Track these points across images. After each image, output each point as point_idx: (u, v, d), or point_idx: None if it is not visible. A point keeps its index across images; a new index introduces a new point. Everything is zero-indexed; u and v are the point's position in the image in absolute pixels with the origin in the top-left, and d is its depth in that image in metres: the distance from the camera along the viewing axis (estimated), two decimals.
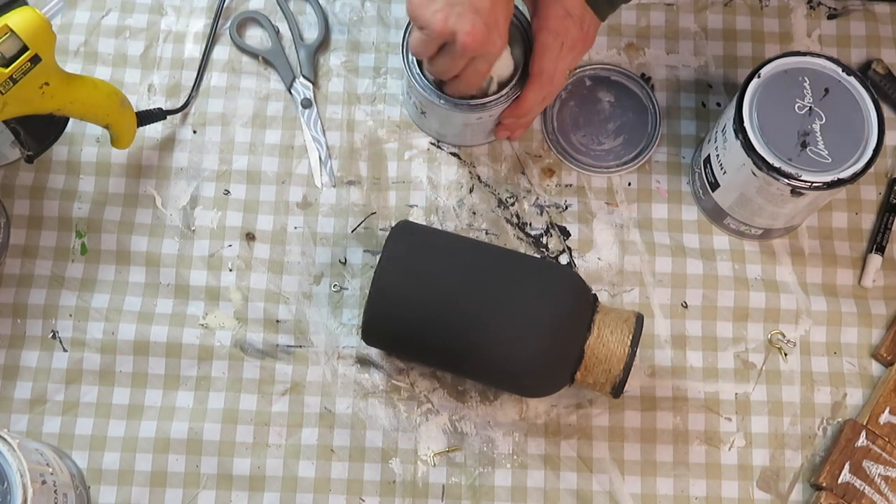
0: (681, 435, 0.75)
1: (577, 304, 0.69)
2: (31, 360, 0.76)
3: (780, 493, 0.75)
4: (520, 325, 0.68)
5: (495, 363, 0.69)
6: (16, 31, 0.64)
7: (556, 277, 0.71)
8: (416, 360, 0.76)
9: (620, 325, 0.69)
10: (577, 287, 0.71)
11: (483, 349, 0.69)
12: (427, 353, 0.72)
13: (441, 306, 0.69)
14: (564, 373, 0.70)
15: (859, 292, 0.80)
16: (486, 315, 0.68)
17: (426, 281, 0.69)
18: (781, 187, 0.71)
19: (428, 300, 0.69)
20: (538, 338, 0.68)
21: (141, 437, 0.74)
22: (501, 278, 0.70)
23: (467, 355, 0.70)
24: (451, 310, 0.69)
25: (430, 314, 0.69)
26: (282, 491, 0.73)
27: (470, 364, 0.71)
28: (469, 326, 0.69)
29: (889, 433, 0.75)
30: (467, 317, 0.69)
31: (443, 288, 0.69)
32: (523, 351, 0.68)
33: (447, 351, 0.70)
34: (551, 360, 0.69)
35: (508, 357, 0.69)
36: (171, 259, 0.79)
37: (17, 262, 0.78)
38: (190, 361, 0.76)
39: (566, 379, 0.70)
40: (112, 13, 0.86)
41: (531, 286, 0.69)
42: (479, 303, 0.69)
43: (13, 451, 0.62)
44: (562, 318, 0.68)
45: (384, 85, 0.84)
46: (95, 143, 0.82)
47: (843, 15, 0.87)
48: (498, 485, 0.74)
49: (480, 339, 0.69)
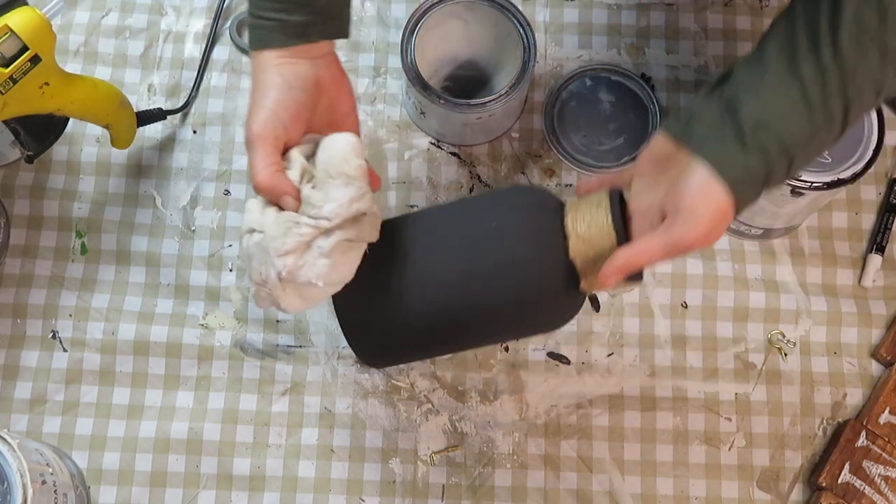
0: (681, 435, 0.75)
1: (534, 215, 0.63)
2: (31, 360, 0.76)
3: (780, 493, 0.75)
4: (498, 264, 0.62)
5: (494, 312, 0.64)
6: (16, 31, 0.64)
7: (508, 203, 0.66)
8: (428, 356, 0.74)
9: (593, 211, 0.62)
10: (528, 201, 0.65)
11: (480, 306, 0.63)
12: (435, 346, 0.69)
13: (423, 298, 0.64)
14: (566, 287, 0.62)
15: (859, 292, 0.80)
16: (467, 275, 0.63)
17: (399, 288, 0.64)
18: (781, 187, 0.70)
19: (410, 302, 0.64)
20: (517, 269, 0.62)
21: (141, 437, 0.74)
22: (462, 234, 0.64)
23: (470, 321, 0.64)
24: (436, 295, 0.64)
25: (419, 312, 0.64)
26: (282, 491, 0.73)
27: (476, 328, 0.66)
28: (457, 297, 0.63)
29: (889, 433, 0.75)
30: (453, 288, 0.63)
31: (416, 282, 0.64)
32: (511, 288, 0.62)
33: (452, 332, 0.66)
34: (540, 276, 0.62)
35: (502, 301, 0.63)
36: (171, 259, 0.79)
37: (17, 262, 0.78)
38: (190, 361, 0.76)
39: (573, 294, 0.64)
40: (112, 13, 0.86)
41: (490, 223, 0.64)
42: (455, 269, 0.63)
43: (13, 451, 0.62)
44: (525, 234, 0.63)
45: (384, 85, 0.84)
46: (95, 143, 0.82)
47: None
48: (498, 485, 0.74)
49: (474, 300, 0.63)
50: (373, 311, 0.64)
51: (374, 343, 0.67)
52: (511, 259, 0.62)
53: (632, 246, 0.58)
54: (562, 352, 0.77)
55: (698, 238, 0.55)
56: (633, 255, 0.57)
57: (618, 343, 0.78)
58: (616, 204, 0.61)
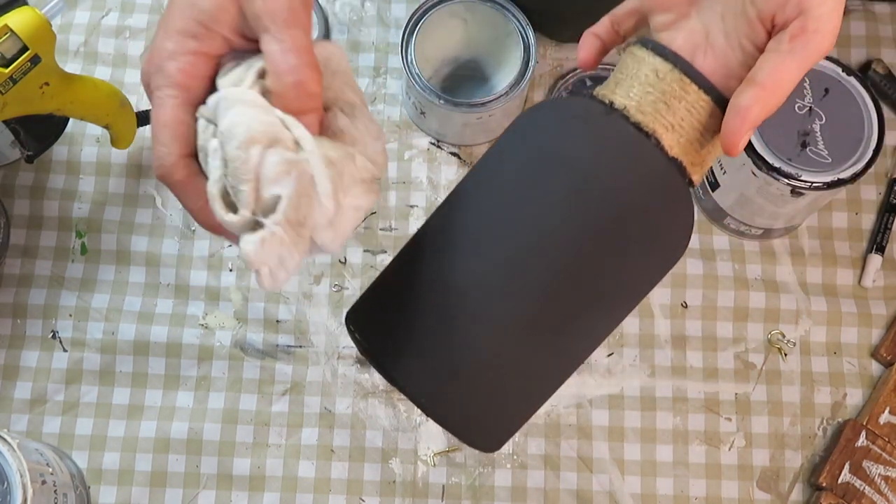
0: (681, 435, 0.75)
1: (595, 137, 0.47)
2: (31, 360, 0.76)
3: (780, 493, 0.75)
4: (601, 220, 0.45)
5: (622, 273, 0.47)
6: (16, 31, 0.64)
7: (549, 143, 0.48)
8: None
9: (649, 79, 0.46)
10: (567, 126, 0.48)
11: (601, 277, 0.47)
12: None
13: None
14: (681, 195, 0.47)
15: (859, 292, 0.80)
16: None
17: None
18: (781, 187, 0.71)
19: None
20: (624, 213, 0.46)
21: (141, 437, 0.74)
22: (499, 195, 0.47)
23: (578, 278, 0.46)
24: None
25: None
26: (282, 491, 0.73)
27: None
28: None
29: (889, 433, 0.75)
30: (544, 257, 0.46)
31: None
32: (627, 240, 0.46)
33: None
34: (651, 205, 0.46)
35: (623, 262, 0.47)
36: (171, 259, 0.79)
37: (17, 262, 0.78)
38: (190, 361, 0.76)
39: (685, 197, 0.48)
40: (112, 13, 0.86)
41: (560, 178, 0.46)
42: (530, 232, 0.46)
43: (13, 451, 0.62)
44: (608, 167, 0.46)
45: (384, 85, 0.84)
46: (95, 143, 0.82)
47: (843, 15, 0.86)
48: (498, 485, 0.74)
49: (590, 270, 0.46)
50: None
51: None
52: (613, 207, 0.45)
53: (757, 84, 0.44)
54: None
55: (832, 41, 0.45)
56: (764, 93, 0.44)
57: (618, 343, 0.78)
58: (674, 55, 0.45)
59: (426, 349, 0.47)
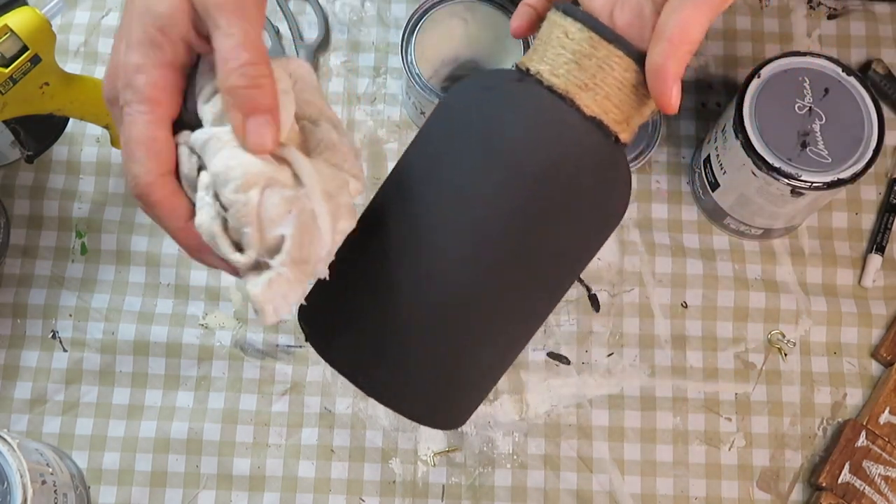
0: (681, 435, 0.75)
1: (512, 104, 0.47)
2: (31, 360, 0.76)
3: (780, 493, 0.75)
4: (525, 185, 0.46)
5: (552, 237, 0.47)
6: (16, 31, 0.64)
7: (463, 119, 0.49)
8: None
9: (566, 44, 0.46)
10: (482, 97, 0.49)
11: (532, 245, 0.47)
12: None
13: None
14: (610, 155, 0.47)
15: (859, 292, 0.80)
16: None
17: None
18: (781, 187, 0.71)
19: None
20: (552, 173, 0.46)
21: (141, 437, 0.74)
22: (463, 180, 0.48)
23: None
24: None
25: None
26: (282, 491, 0.73)
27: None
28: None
29: (889, 433, 0.75)
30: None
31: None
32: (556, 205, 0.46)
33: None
34: (581, 166, 0.46)
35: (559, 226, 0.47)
36: (171, 259, 0.79)
37: (17, 262, 0.78)
38: (190, 361, 0.76)
39: (619, 155, 0.48)
40: (112, 13, 0.86)
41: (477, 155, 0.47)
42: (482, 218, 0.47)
43: (13, 451, 0.62)
44: (527, 131, 0.46)
45: (384, 85, 0.84)
46: (95, 143, 0.82)
47: (843, 15, 0.87)
48: (498, 485, 0.74)
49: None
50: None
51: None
52: (537, 167, 0.46)
53: (665, 38, 0.43)
54: (562, 352, 0.77)
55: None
56: (672, 47, 0.42)
57: (618, 343, 0.78)
58: (584, 13, 0.45)
59: (357, 329, 0.49)
